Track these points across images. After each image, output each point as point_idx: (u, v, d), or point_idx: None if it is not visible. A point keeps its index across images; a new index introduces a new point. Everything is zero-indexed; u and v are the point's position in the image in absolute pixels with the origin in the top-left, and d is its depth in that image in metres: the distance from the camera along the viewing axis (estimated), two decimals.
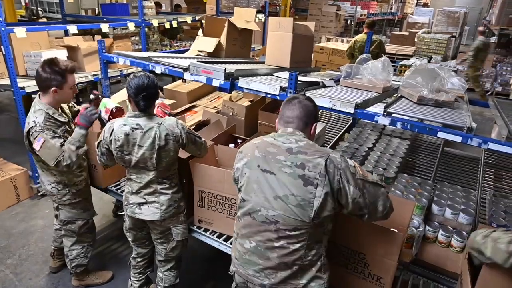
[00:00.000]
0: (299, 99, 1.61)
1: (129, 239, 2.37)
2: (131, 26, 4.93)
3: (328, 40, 8.86)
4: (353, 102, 2.03)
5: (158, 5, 6.94)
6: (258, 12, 7.18)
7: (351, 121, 3.77)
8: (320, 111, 3.71)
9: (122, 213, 2.31)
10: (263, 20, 6.81)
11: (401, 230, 1.81)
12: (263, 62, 3.38)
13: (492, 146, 1.75)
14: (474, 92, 7.52)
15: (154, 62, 2.84)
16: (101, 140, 2.09)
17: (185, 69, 2.58)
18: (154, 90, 2.01)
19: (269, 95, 2.30)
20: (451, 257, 2.15)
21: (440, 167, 3.11)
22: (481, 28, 7.59)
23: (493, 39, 9.77)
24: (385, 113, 1.97)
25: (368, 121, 3.31)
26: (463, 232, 2.21)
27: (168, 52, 4.99)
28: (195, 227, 2.40)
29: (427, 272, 2.09)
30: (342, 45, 7.19)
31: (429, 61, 7.24)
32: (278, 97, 2.27)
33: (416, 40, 10.67)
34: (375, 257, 1.72)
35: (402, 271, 2.07)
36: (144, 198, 2.13)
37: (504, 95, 7.42)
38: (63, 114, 2.36)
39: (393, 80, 2.81)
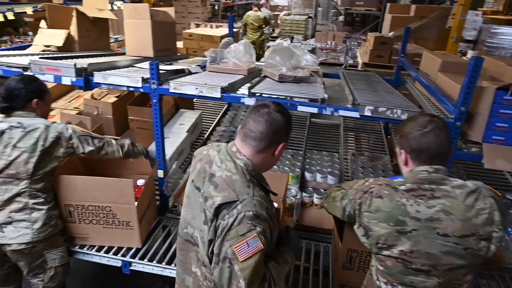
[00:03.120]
0: (269, 110, 1.30)
1: None
2: None
3: (197, 26, 8.76)
4: (219, 86, 2.03)
5: None
6: None
7: (226, 105, 3.82)
8: (194, 99, 3.70)
9: None
10: (123, 8, 6.28)
11: (279, 202, 1.93)
12: (125, 53, 3.13)
13: (342, 112, 1.97)
14: (329, 66, 8.50)
15: None
16: None
17: (25, 68, 2.19)
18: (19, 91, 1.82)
19: (131, 89, 2.14)
20: (326, 216, 2.39)
21: (309, 137, 3.42)
22: (258, 2, 8.51)
23: (341, 18, 11.12)
24: (250, 94, 2.02)
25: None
26: None
27: (4, 50, 4.20)
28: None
29: (308, 234, 2.30)
30: (211, 31, 7.20)
31: (291, 41, 7.84)
32: (141, 89, 2.12)
33: (279, 22, 11.41)
34: None
35: None
36: (10, 217, 1.77)
37: (355, 66, 8.57)
38: None
39: (258, 61, 2.92)
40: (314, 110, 1.98)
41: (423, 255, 1.23)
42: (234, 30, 3.86)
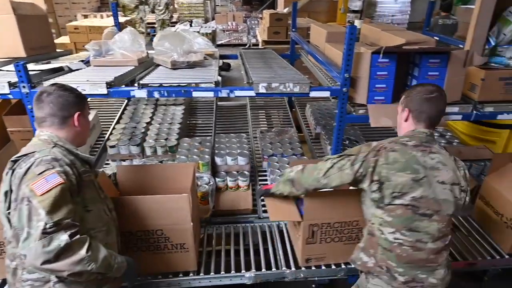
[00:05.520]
0: (48, 92, 1.38)
1: None
2: None
3: (85, 17, 7.98)
4: (104, 81, 1.86)
5: None
6: None
7: (126, 100, 3.57)
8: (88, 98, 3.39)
9: None
10: None
11: (188, 193, 1.87)
12: None
13: (237, 93, 1.97)
14: (233, 47, 8.51)
15: None
16: None
17: None
18: None
19: None
20: (242, 196, 2.42)
21: (218, 121, 3.39)
22: None
23: None
24: (139, 86, 1.90)
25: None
26: (245, 172, 2.51)
27: None
28: None
29: (226, 218, 2.30)
30: (101, 21, 6.60)
31: (191, 25, 7.62)
32: (10, 96, 1.84)
33: (176, 6, 10.98)
34: (171, 227, 1.73)
35: (205, 227, 2.20)
36: None
37: (257, 45, 8.71)
38: None
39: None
40: (210, 94, 1.94)
41: (430, 201, 1.42)
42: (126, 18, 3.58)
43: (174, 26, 9.24)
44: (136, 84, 1.91)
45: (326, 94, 2.07)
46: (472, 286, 2.51)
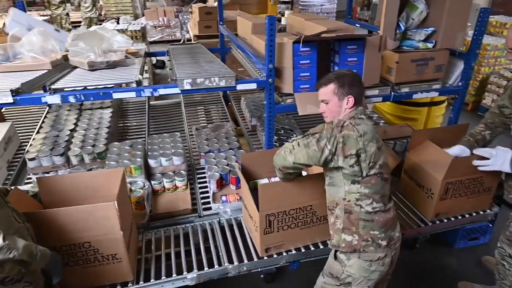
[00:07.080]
0: None
1: None
2: None
3: None
4: (8, 89, 1.68)
5: None
6: None
7: (47, 108, 3.30)
8: (3, 108, 3.08)
9: None
10: None
11: (115, 200, 1.77)
12: None
13: (161, 91, 1.89)
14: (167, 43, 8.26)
15: None
16: None
17: None
18: None
19: None
20: (181, 197, 2.36)
21: (151, 122, 3.27)
22: None
23: None
24: (51, 91, 1.75)
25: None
26: (182, 171, 2.45)
27: None
28: None
29: (166, 221, 2.22)
30: None
31: (118, 23, 7.24)
32: None
33: (102, 3, 10.37)
34: (100, 239, 1.62)
35: (143, 233, 2.11)
36: None
37: (191, 40, 8.52)
38: None
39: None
40: (132, 95, 1.85)
41: (386, 165, 1.56)
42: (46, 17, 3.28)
43: (101, 24, 8.72)
44: (47, 89, 1.76)
45: (253, 86, 2.07)
46: (406, 254, 2.72)
